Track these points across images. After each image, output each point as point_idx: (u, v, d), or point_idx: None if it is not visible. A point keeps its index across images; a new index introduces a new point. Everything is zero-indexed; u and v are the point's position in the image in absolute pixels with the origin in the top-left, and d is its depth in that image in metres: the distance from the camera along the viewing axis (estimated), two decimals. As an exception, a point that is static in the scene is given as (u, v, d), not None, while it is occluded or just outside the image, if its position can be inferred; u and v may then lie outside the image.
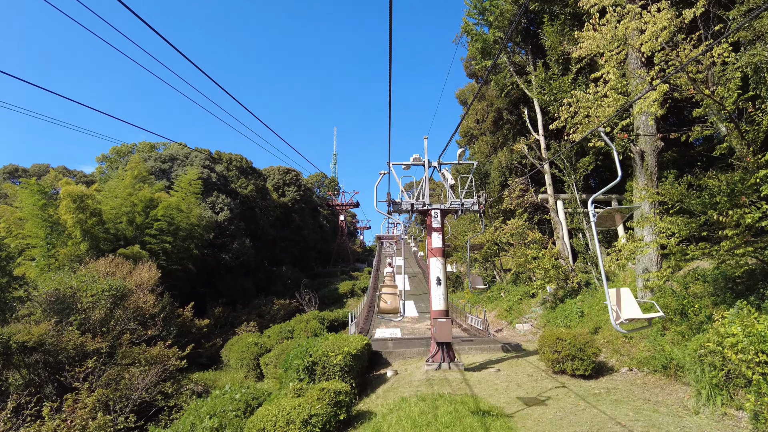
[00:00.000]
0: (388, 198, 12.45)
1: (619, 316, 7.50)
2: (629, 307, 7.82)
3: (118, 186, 32.88)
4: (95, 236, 27.70)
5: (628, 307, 7.83)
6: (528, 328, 20.78)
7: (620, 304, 7.83)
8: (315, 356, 10.41)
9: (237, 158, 51.91)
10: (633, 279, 17.06)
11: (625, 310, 7.78)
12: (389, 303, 13.06)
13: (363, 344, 11.98)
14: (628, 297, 7.92)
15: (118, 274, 23.36)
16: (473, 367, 12.20)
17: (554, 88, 15.60)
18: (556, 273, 19.56)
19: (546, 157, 24.02)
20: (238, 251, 39.60)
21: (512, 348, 15.05)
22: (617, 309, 7.73)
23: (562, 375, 10.87)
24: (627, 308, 7.81)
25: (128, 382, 15.60)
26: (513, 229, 21.55)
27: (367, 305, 31.27)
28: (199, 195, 36.83)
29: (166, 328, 23.83)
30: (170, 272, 31.03)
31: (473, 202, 12.45)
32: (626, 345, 12.38)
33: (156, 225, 30.72)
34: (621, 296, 7.92)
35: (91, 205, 27.48)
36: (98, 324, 18.08)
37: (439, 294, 11.86)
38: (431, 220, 12.47)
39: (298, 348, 11.04)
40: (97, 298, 18.51)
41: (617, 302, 7.86)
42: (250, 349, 21.42)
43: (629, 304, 7.85)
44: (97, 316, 18.15)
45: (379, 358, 14.44)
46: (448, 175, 12.97)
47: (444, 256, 12.31)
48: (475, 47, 26.95)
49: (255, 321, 32.92)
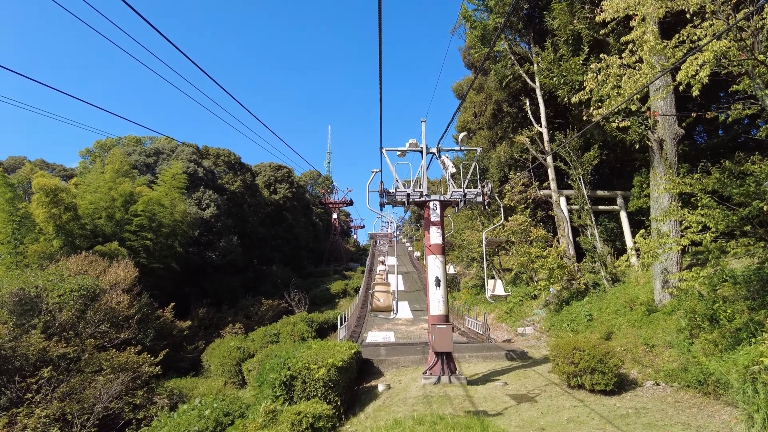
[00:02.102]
0: (380, 188, 10.98)
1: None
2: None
3: (98, 180, 31.14)
4: (70, 232, 26.00)
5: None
6: (531, 332, 19.41)
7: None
8: (294, 369, 8.93)
9: (225, 153, 50.16)
10: (647, 280, 15.73)
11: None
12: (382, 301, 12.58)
13: (351, 353, 10.52)
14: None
15: (91, 272, 21.70)
16: (476, 380, 10.78)
17: (564, 70, 14.23)
18: (561, 273, 18.21)
19: (549, 149, 22.66)
20: (225, 249, 37.94)
21: (517, 356, 13.65)
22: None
23: (580, 390, 9.46)
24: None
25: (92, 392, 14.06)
26: (515, 226, 20.17)
27: (359, 306, 29.79)
28: (184, 190, 35.16)
29: (142, 331, 22.24)
30: (152, 271, 29.38)
31: (477, 193, 11.01)
32: (648, 354, 11.01)
33: (136, 221, 29.04)
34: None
35: (65, 199, 25.76)
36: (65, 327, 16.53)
37: (438, 297, 10.42)
38: (429, 212, 11.03)
39: (275, 359, 9.56)
40: (65, 299, 16.93)
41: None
42: (231, 354, 19.89)
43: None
44: (64, 318, 16.59)
45: (370, 367, 12.99)
46: (449, 162, 11.53)
47: (444, 254, 10.87)
48: (474, 35, 25.54)
49: (241, 322, 31.28)
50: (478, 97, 31.42)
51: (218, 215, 39.04)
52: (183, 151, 42.72)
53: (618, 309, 15.30)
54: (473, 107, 32.18)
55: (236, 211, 46.24)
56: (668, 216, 11.04)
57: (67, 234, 25.62)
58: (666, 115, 13.47)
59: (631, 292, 15.70)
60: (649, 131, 13.55)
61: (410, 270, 49.04)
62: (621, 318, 14.62)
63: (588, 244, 17.98)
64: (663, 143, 13.46)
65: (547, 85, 15.35)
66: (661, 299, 13.35)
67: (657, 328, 12.12)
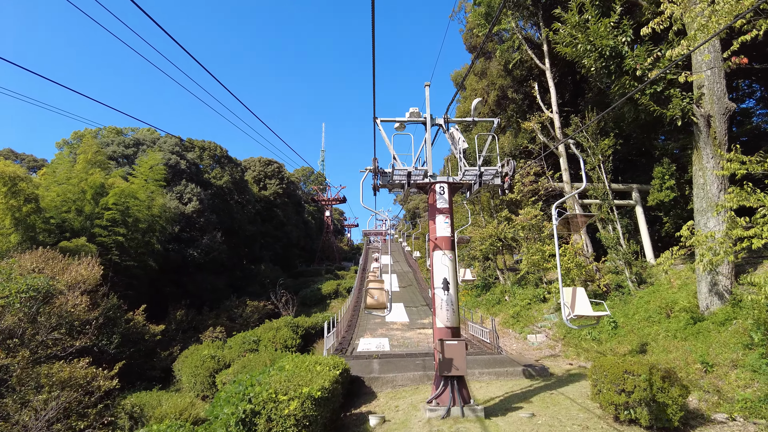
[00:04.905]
0: (373, 165, 8.71)
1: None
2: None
3: (68, 171, 28.60)
4: (31, 226, 23.51)
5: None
6: (543, 340, 17.23)
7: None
8: (257, 402, 6.65)
9: (211, 146, 47.61)
10: (684, 282, 13.57)
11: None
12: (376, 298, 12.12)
13: (336, 375, 8.25)
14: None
15: (48, 270, 19.16)
16: (493, 407, 8.54)
17: (591, 34, 12.02)
18: (578, 273, 16.04)
19: (561, 136, 20.49)
20: (208, 247, 35.47)
21: (537, 372, 11.44)
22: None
23: (633, 426, 7.24)
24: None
25: (27, 415, 11.74)
26: (526, 221, 17.98)
27: (351, 308, 27.49)
28: (163, 183, 32.67)
29: (106, 337, 19.84)
30: (126, 269, 26.94)
31: (495, 172, 8.77)
32: (708, 376, 8.82)
33: (107, 215, 26.56)
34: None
35: (26, 190, 23.24)
36: (10, 334, 14.15)
37: (448, 303, 8.17)
38: (435, 197, 8.77)
39: (234, 386, 7.27)
40: (11, 301, 14.48)
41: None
42: (205, 364, 17.56)
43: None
44: (7, 323, 14.15)
45: (361, 386, 10.73)
46: (458, 135, 9.27)
47: (454, 249, 8.61)
48: (478, 12, 23.42)
49: (224, 325, 28.88)
50: (480, 84, 29.21)
51: (201, 210, 36.57)
52: (165, 143, 40.23)
53: (650, 315, 13.14)
54: (474, 95, 29.96)
55: (223, 207, 43.78)
56: (729, 203, 8.86)
57: (28, 228, 23.14)
58: (714, 87, 11.32)
59: (664, 295, 13.55)
60: (694, 105, 11.39)
61: (406, 270, 46.80)
62: (656, 326, 12.46)
63: (610, 241, 15.82)
64: (711, 119, 11.31)
65: (570, 55, 13.16)
66: (708, 305, 11.18)
67: (710, 341, 9.95)
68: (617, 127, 19.82)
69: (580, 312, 8.03)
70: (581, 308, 8.09)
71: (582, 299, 8.20)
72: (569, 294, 8.38)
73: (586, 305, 8.14)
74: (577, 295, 8.28)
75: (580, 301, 8.23)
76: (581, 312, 8.04)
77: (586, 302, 8.19)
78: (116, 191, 27.26)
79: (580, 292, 8.34)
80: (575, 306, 8.10)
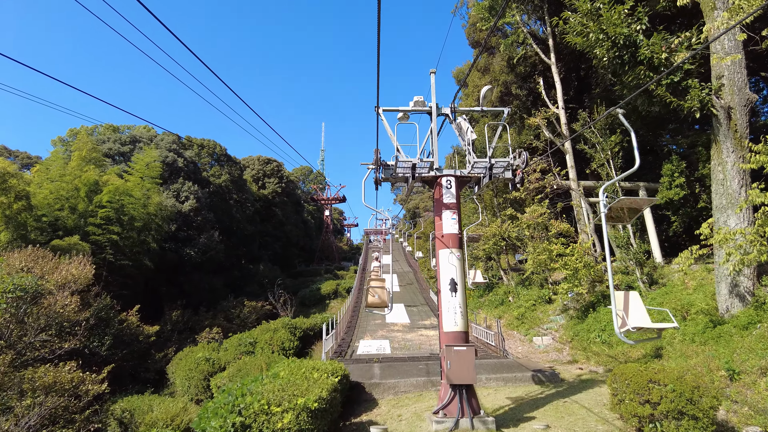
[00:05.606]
0: (375, 157, 8.11)
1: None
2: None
3: (61, 168, 27.98)
4: (22, 224, 22.90)
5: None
6: (549, 343, 16.63)
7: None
8: (248, 414, 6.05)
9: (210, 144, 47.01)
10: (699, 284, 12.97)
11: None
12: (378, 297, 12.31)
13: (335, 383, 7.66)
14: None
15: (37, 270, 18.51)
16: (504, 418, 7.94)
17: (604, 22, 11.43)
18: (587, 273, 15.44)
19: (567, 132, 19.90)
20: (205, 246, 34.82)
21: (547, 378, 10.84)
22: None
23: (658, 441, 6.64)
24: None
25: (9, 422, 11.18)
26: (532, 219, 17.37)
27: (350, 308, 26.89)
28: (160, 180, 32.04)
29: (97, 338, 19.23)
30: (120, 268, 26.36)
31: (506, 165, 8.17)
32: (735, 385, 8.22)
33: (101, 213, 25.95)
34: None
35: (16, 186, 22.62)
36: (-3, 335, 13.59)
37: (455, 306, 7.56)
38: (442, 192, 8.17)
39: (223, 395, 6.67)
40: (-3, 301, 13.90)
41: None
42: (199, 367, 16.94)
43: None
44: (-8, 324, 13.60)
45: (361, 393, 10.13)
46: (466, 125, 8.67)
47: (461, 248, 8.01)
48: (481, 6, 22.79)
49: (221, 326, 28.27)
50: (483, 80, 28.59)
51: (198, 209, 35.94)
52: (162, 140, 39.62)
53: (665, 318, 12.54)
54: (477, 91, 29.36)
55: (221, 206, 43.18)
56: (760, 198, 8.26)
57: (18, 226, 22.53)
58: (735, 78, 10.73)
59: (679, 297, 12.95)
60: (713, 96, 10.79)
61: (406, 270, 46.20)
62: (671, 330, 11.85)
63: (621, 240, 15.23)
64: (731, 111, 10.71)
65: (580, 45, 12.55)
66: (728, 307, 10.58)
67: (733, 346, 9.35)
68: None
69: (637, 323, 6.46)
70: (637, 318, 6.58)
71: (637, 306, 6.72)
72: (621, 300, 6.86)
73: (642, 314, 6.63)
74: (631, 301, 6.78)
75: (635, 308, 6.72)
76: (638, 323, 6.48)
77: (642, 310, 6.65)
78: (111, 189, 26.65)
79: (634, 297, 6.84)
80: (629, 315, 6.54)
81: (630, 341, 6.22)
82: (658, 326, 6.74)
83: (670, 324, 6.76)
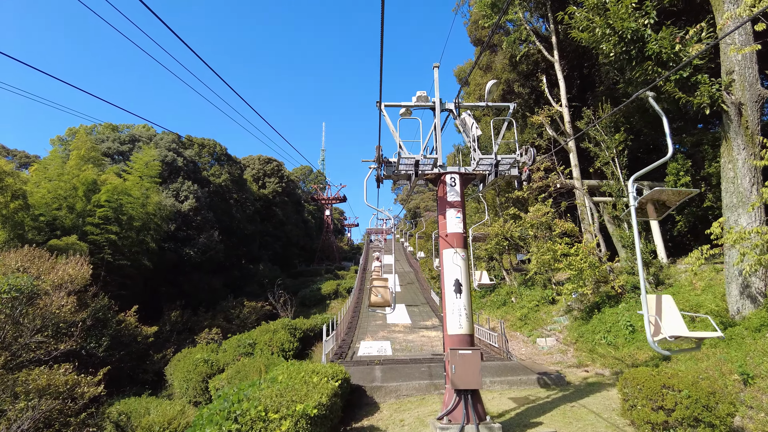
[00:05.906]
0: (377, 154, 7.85)
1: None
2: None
3: (59, 167, 27.74)
4: (19, 224, 22.65)
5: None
6: (553, 344, 16.36)
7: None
8: (243, 421, 5.78)
9: (210, 144, 46.75)
10: (708, 284, 12.70)
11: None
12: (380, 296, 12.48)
13: (335, 388, 7.40)
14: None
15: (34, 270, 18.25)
16: (510, 424, 7.67)
17: (610, 17, 11.16)
18: (592, 273, 15.17)
19: (571, 131, 19.62)
20: (204, 245, 34.56)
21: (553, 381, 10.57)
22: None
23: (672, 449, 6.38)
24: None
25: (2, 426, 10.91)
26: (536, 218, 17.11)
27: (351, 309, 26.64)
28: (159, 179, 31.79)
29: (94, 339, 18.97)
30: (119, 268, 26.09)
31: (513, 161, 7.91)
32: (748, 389, 7.94)
33: (99, 212, 25.69)
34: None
35: (13, 185, 22.37)
36: (-9, 337, 13.29)
37: (460, 308, 7.30)
38: (446, 190, 7.90)
39: (219, 401, 6.40)
40: (-11, 302, 13.59)
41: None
42: (197, 369, 16.68)
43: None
44: (-13, 325, 13.31)
45: (362, 396, 9.87)
46: (470, 120, 8.41)
47: (466, 247, 7.74)
48: (483, 3, 22.48)
49: (220, 326, 28.00)
50: (485, 79, 28.32)
51: (197, 208, 35.69)
52: (162, 140, 39.38)
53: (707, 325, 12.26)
54: (479, 90, 29.09)
55: (221, 205, 42.93)
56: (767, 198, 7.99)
57: (15, 226, 22.29)
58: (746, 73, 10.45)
59: (687, 298, 12.67)
60: (723, 92, 10.52)
61: (407, 270, 45.92)
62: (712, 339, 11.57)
63: (626, 240, 14.96)
64: (742, 107, 10.44)
65: (586, 40, 12.30)
66: (739, 309, 10.32)
67: (745, 349, 9.08)
68: (627, 122, 19.02)
69: (674, 331, 5.76)
70: (672, 326, 5.86)
71: (672, 312, 6.00)
72: (653, 304, 6.01)
73: (678, 321, 5.92)
74: (664, 307, 6.03)
75: (670, 314, 5.99)
76: (675, 331, 5.77)
77: (678, 317, 5.92)
78: (109, 188, 26.39)
79: (667, 301, 6.09)
80: (663, 322, 5.83)
81: (665, 351, 5.32)
82: (699, 335, 6.00)
83: (713, 333, 5.86)
